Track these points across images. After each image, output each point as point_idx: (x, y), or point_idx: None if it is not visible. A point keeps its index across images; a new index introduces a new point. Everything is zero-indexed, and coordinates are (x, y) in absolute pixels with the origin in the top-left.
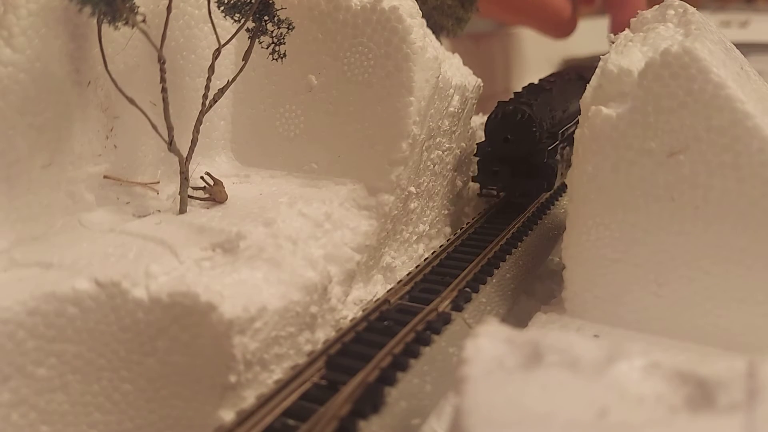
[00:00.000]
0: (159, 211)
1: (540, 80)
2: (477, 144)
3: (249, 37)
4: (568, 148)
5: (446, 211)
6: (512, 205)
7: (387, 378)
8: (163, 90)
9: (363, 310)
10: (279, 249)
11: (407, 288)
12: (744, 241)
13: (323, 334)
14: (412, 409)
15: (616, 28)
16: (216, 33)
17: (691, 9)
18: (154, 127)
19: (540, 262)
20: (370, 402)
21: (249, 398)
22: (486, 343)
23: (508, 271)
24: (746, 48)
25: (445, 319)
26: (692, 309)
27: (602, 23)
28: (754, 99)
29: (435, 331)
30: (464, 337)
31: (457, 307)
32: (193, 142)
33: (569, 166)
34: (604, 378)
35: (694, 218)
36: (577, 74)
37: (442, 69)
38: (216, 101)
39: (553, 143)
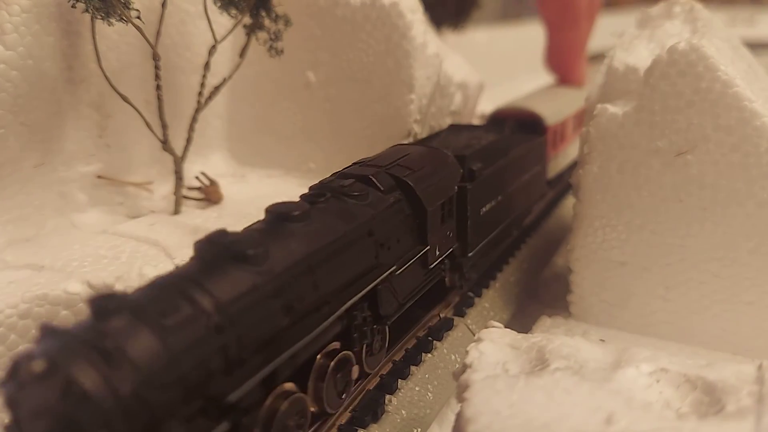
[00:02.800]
0: (153, 211)
1: (246, 232)
2: None
3: (246, 34)
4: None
5: None
6: None
7: (387, 386)
8: (158, 88)
9: None
10: None
11: None
12: (753, 243)
13: None
14: (413, 417)
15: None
16: (212, 29)
17: (698, 6)
18: (149, 125)
19: (545, 264)
20: (369, 411)
21: None
22: (489, 348)
23: (512, 275)
24: (753, 48)
25: (448, 325)
26: (700, 313)
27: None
28: (763, 98)
29: (437, 338)
30: (467, 343)
31: (460, 312)
32: (189, 141)
33: None
34: (610, 384)
35: (702, 220)
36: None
37: (444, 66)
38: (212, 99)
39: None
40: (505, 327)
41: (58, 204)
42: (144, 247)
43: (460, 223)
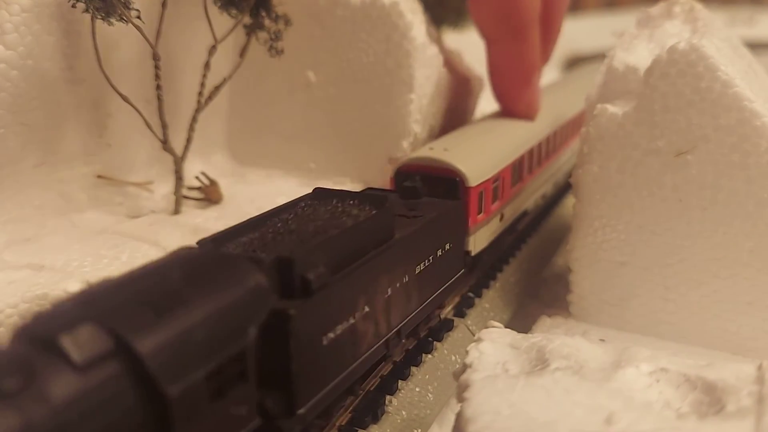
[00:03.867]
0: (153, 211)
1: None
2: None
3: (246, 34)
4: None
5: None
6: None
7: (387, 386)
8: (158, 87)
9: None
10: None
11: None
12: (752, 243)
13: None
14: (413, 418)
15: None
16: (212, 29)
17: (698, 6)
18: (149, 125)
19: (545, 264)
20: (370, 411)
21: None
22: (489, 348)
23: (512, 275)
24: (753, 48)
25: (448, 326)
26: (700, 312)
27: None
28: (763, 98)
29: (437, 338)
30: (467, 343)
31: (460, 312)
32: (189, 140)
33: None
34: (610, 384)
35: (702, 220)
36: None
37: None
38: (212, 99)
39: None
40: (505, 327)
41: (59, 203)
42: (144, 247)
43: (281, 366)
